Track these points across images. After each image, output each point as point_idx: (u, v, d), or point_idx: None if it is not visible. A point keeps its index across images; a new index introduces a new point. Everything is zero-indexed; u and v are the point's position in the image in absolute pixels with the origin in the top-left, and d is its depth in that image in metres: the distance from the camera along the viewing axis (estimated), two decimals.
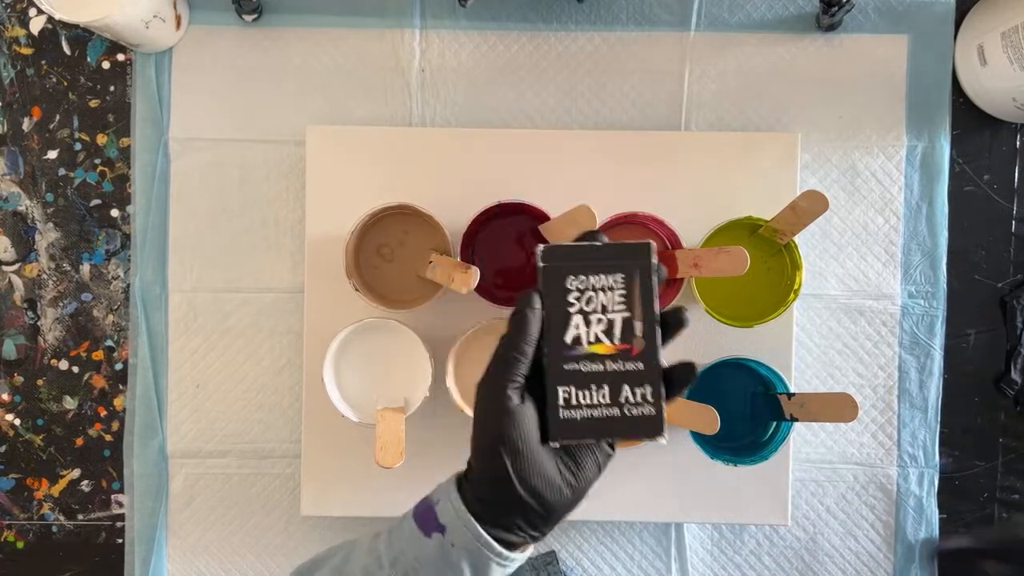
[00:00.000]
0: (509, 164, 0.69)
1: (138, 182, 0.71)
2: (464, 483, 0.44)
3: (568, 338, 0.43)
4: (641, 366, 0.43)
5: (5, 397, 0.72)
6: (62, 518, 0.73)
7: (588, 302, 0.44)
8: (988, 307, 0.72)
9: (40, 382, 0.72)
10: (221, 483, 0.72)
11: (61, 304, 0.72)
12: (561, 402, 0.43)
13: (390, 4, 0.71)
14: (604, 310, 0.44)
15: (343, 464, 0.69)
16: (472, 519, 0.42)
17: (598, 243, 0.44)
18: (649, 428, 0.43)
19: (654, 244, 0.44)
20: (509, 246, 0.67)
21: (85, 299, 0.72)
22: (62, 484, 0.73)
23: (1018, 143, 0.72)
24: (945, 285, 0.71)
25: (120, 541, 0.72)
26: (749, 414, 0.67)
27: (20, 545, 0.73)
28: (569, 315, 0.43)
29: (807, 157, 0.71)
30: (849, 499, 0.72)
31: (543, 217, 0.64)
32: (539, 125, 0.71)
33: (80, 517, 0.73)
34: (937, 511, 0.72)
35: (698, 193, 0.69)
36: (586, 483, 0.44)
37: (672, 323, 0.44)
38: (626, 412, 0.43)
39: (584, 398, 0.43)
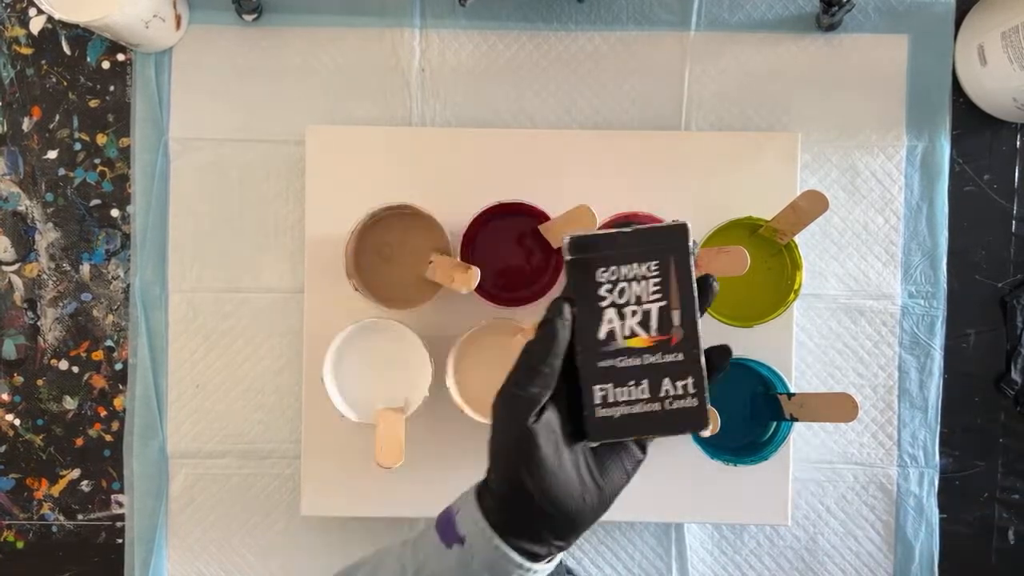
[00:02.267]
0: (509, 164, 0.69)
1: (138, 182, 0.71)
2: (484, 493, 0.42)
3: (602, 334, 0.41)
4: (681, 356, 0.41)
5: (5, 397, 0.72)
6: (62, 518, 0.73)
7: (621, 294, 0.41)
8: (988, 307, 0.72)
9: (40, 382, 0.72)
10: (221, 483, 0.72)
11: (61, 304, 0.72)
12: (598, 401, 0.41)
13: (390, 4, 0.71)
14: (639, 301, 0.41)
15: (343, 464, 0.69)
16: (491, 530, 0.41)
17: (628, 229, 0.41)
18: (692, 421, 0.42)
19: (689, 225, 0.42)
20: (509, 246, 0.67)
21: (85, 299, 0.72)
22: (62, 484, 0.73)
23: (1018, 143, 0.72)
24: (945, 285, 0.71)
25: (120, 541, 0.72)
26: (749, 414, 0.67)
27: (20, 545, 0.73)
28: (601, 310, 0.41)
29: (807, 157, 0.71)
30: (849, 499, 0.72)
31: (543, 217, 0.64)
32: (539, 125, 0.71)
33: (80, 517, 0.73)
34: (937, 511, 0.72)
35: (698, 193, 0.69)
36: (613, 490, 0.42)
37: (703, 292, 0.42)
38: (667, 406, 0.41)
39: (623, 395, 0.41)
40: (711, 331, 0.67)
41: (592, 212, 0.62)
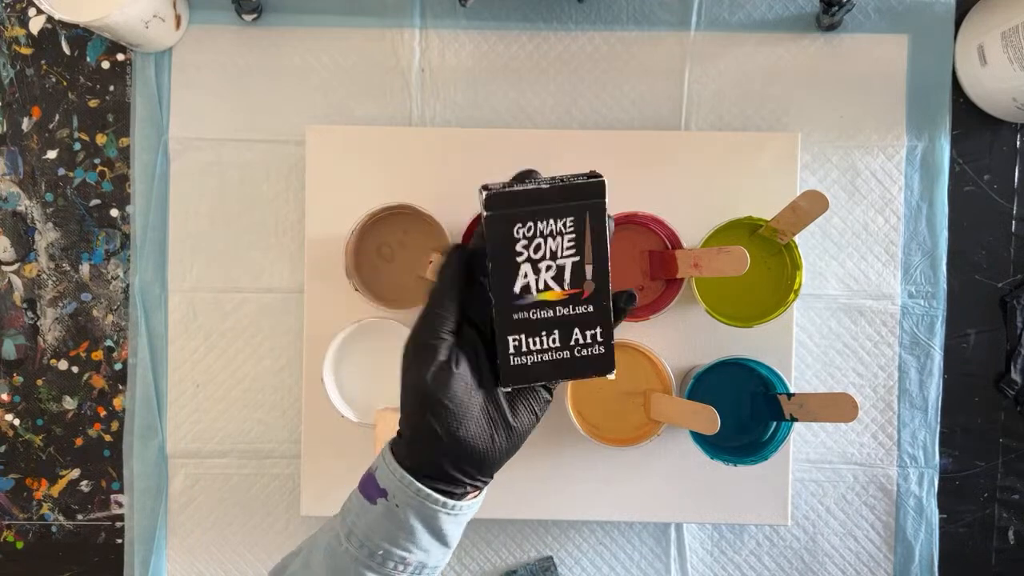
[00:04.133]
0: (509, 164, 0.68)
1: (138, 182, 0.71)
2: (397, 444, 0.44)
3: (517, 288, 0.43)
4: (591, 308, 0.43)
5: (5, 397, 0.72)
6: (62, 518, 0.73)
7: (536, 249, 0.43)
8: (988, 307, 0.72)
9: (40, 382, 0.72)
10: (221, 483, 0.72)
11: (61, 304, 0.72)
12: (512, 350, 0.43)
13: (390, 4, 0.71)
14: (553, 256, 0.43)
15: (343, 464, 0.69)
16: (408, 475, 0.43)
17: (546, 185, 0.43)
18: (599, 366, 0.44)
19: (604, 180, 0.43)
20: None
21: (85, 299, 0.72)
22: (62, 484, 0.72)
23: (1018, 143, 0.72)
24: (945, 285, 0.71)
25: (120, 541, 0.72)
26: (749, 414, 0.67)
27: (20, 545, 0.73)
28: (517, 264, 0.43)
29: (807, 157, 0.71)
30: (849, 499, 0.72)
31: None
32: (539, 125, 0.71)
33: (80, 517, 0.73)
34: (937, 511, 0.72)
35: (698, 193, 0.69)
36: (522, 431, 0.44)
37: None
38: (576, 354, 0.43)
39: (535, 344, 0.43)
40: (711, 331, 0.68)
41: None
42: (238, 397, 0.72)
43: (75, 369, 0.72)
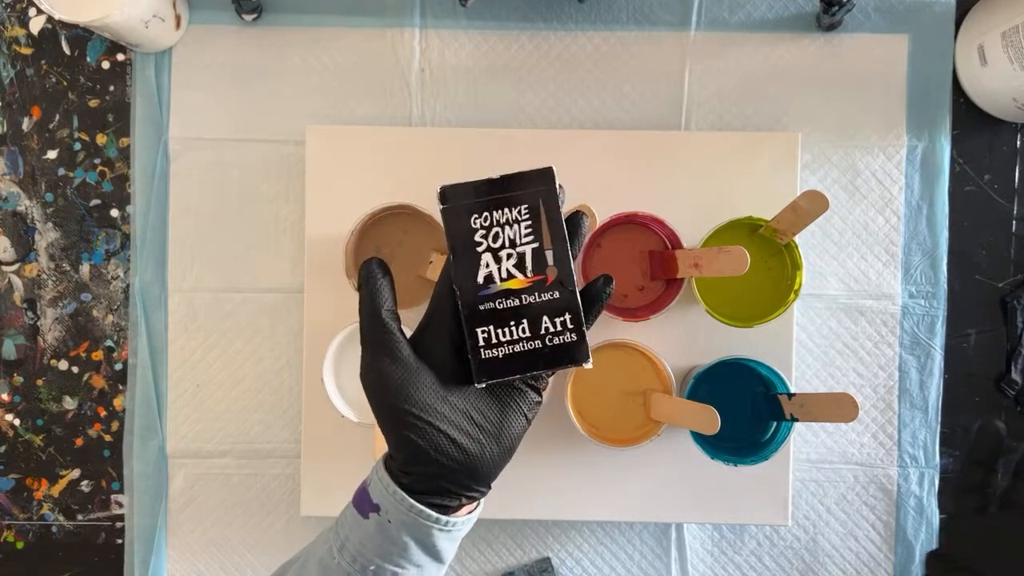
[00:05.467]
0: (509, 164, 0.68)
1: (138, 182, 0.71)
2: (389, 459, 0.44)
3: (480, 278, 0.43)
4: (557, 294, 0.43)
5: (5, 397, 0.72)
6: (62, 518, 0.73)
7: (495, 239, 0.43)
8: (988, 307, 0.72)
9: (40, 382, 0.72)
10: (221, 483, 0.72)
11: (61, 304, 0.72)
12: (481, 343, 0.42)
13: (390, 4, 0.71)
14: (513, 244, 0.43)
15: (343, 464, 0.69)
16: (400, 491, 0.42)
17: (496, 177, 0.43)
18: (573, 354, 0.43)
19: (554, 167, 0.43)
20: None
21: (85, 299, 0.72)
22: (62, 484, 0.72)
23: (1018, 143, 0.72)
24: (945, 285, 0.71)
25: (120, 541, 0.72)
26: (749, 414, 0.67)
27: (20, 545, 0.73)
28: (478, 255, 0.43)
29: (807, 157, 0.71)
30: (849, 499, 0.72)
31: None
32: (539, 125, 0.71)
33: (80, 517, 0.73)
34: (937, 511, 0.72)
35: (698, 193, 0.69)
36: (512, 436, 0.43)
37: (574, 230, 0.44)
38: (548, 342, 0.43)
39: (504, 335, 0.42)
40: (711, 331, 0.68)
41: (592, 211, 0.62)
42: (238, 397, 0.72)
43: (75, 369, 0.72)
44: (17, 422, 0.72)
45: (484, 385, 0.42)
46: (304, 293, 0.69)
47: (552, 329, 0.43)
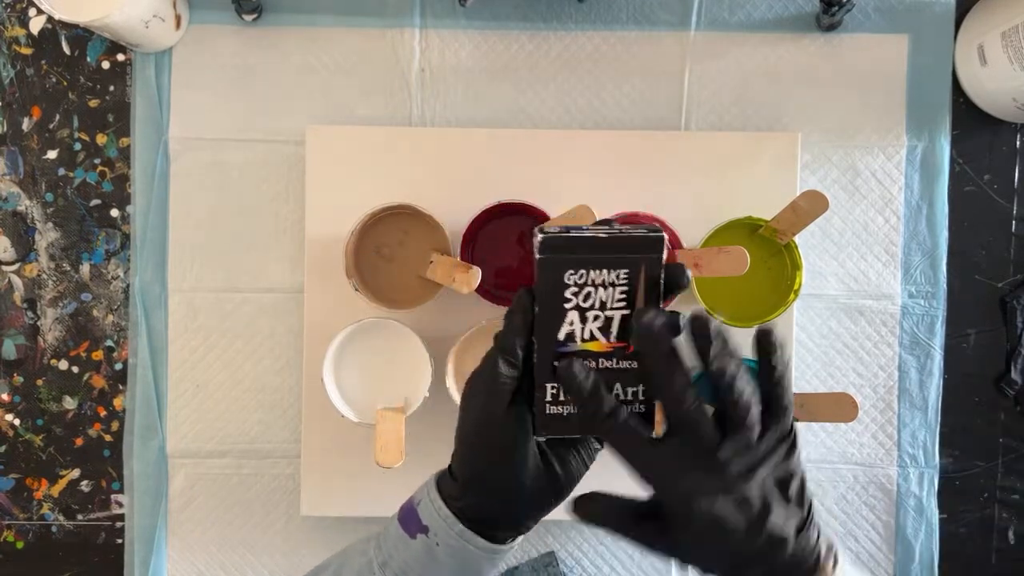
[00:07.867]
0: (509, 164, 0.69)
1: (138, 182, 0.71)
2: (444, 481, 0.43)
3: (561, 335, 0.42)
4: (636, 364, 0.42)
5: (5, 397, 0.72)
6: (62, 518, 0.73)
7: (586, 298, 0.41)
8: (988, 307, 0.72)
9: (40, 382, 0.72)
10: (221, 483, 0.72)
11: (61, 304, 0.72)
12: (549, 398, 0.42)
13: (390, 4, 0.71)
14: (603, 307, 0.42)
15: (343, 464, 0.69)
16: (453, 516, 0.41)
17: (603, 234, 0.41)
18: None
19: (665, 236, 0.42)
20: (509, 246, 0.67)
21: (85, 299, 0.72)
22: (62, 484, 0.72)
23: (1018, 143, 0.72)
24: (945, 285, 0.71)
25: (120, 541, 0.72)
26: None
27: (20, 545, 0.73)
28: (564, 311, 0.42)
29: (807, 157, 0.71)
30: (849, 499, 0.72)
31: (543, 217, 0.64)
32: (539, 125, 0.71)
33: (80, 517, 0.73)
34: (937, 511, 0.72)
35: (698, 193, 0.69)
36: (570, 479, 0.43)
37: (671, 286, 0.42)
38: None
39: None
40: None
41: (592, 211, 0.62)
42: (238, 397, 0.71)
43: (75, 369, 0.72)
44: (17, 422, 0.72)
45: (543, 439, 0.42)
46: (304, 293, 0.69)
47: (623, 397, 0.42)
